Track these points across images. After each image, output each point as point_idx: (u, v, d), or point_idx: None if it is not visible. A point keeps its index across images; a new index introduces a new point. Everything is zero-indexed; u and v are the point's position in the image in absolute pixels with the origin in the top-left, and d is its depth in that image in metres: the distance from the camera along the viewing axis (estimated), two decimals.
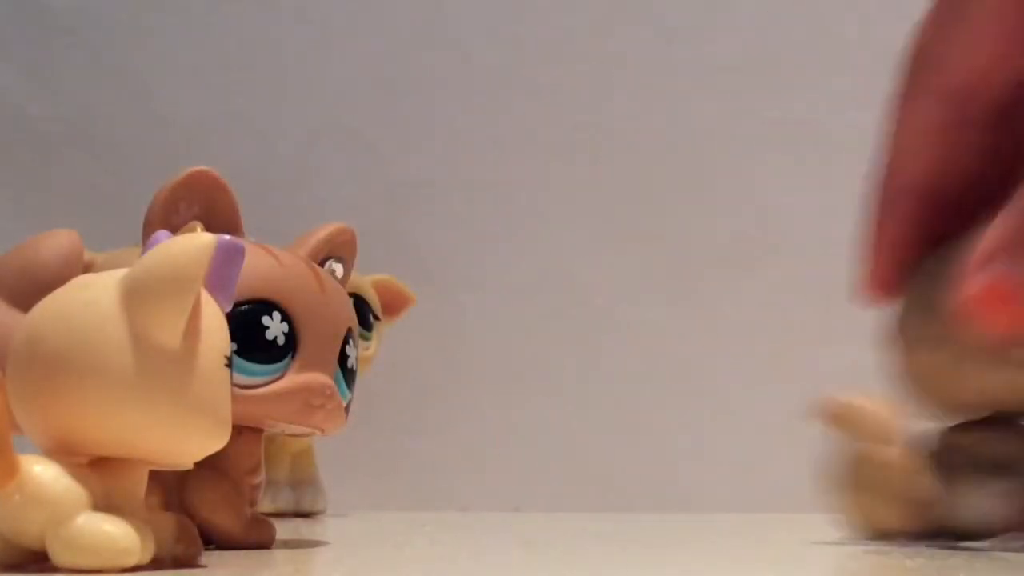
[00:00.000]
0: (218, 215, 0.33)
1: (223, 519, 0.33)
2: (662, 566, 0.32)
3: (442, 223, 0.70)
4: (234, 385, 0.28)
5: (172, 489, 0.32)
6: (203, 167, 0.33)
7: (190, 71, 0.72)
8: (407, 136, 0.70)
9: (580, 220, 0.67)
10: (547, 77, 0.69)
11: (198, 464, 0.28)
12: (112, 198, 0.67)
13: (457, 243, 0.69)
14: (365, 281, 0.54)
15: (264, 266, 0.33)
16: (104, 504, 0.26)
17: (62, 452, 0.26)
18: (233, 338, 0.28)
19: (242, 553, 0.32)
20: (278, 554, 0.33)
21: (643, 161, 0.66)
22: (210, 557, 0.30)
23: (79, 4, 0.72)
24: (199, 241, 0.26)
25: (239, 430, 0.29)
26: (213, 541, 0.33)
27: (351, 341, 0.35)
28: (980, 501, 0.36)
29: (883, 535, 0.37)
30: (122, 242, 0.38)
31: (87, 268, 0.33)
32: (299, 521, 0.50)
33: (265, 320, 0.32)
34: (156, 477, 0.28)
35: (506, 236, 0.69)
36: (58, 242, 0.32)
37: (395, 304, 0.58)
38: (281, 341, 0.32)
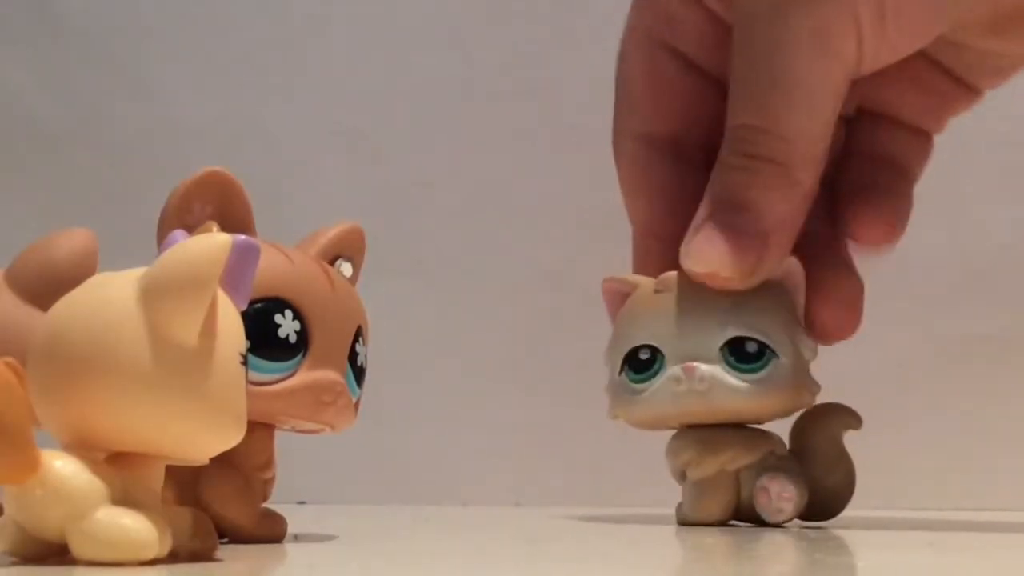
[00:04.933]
0: (231, 214, 0.33)
1: (236, 513, 0.33)
2: (662, 562, 0.32)
3: (442, 223, 0.70)
4: (247, 382, 0.29)
5: (186, 484, 0.33)
6: (217, 167, 0.33)
7: (198, 72, 0.72)
8: (408, 136, 0.71)
9: (580, 219, 0.67)
10: (547, 77, 0.69)
11: (211, 459, 0.28)
12: (122, 197, 0.68)
13: (457, 243, 0.70)
14: None
15: (276, 265, 0.33)
16: (122, 498, 0.26)
17: (81, 447, 0.27)
18: (246, 336, 0.28)
19: (256, 547, 0.33)
20: (290, 548, 0.34)
21: None
22: (224, 551, 0.30)
23: (89, 6, 0.72)
24: (216, 241, 0.27)
25: (251, 426, 0.29)
26: (225, 535, 0.33)
27: (361, 339, 0.35)
28: None
29: None
30: (132, 240, 0.39)
31: None
32: (308, 514, 0.51)
33: (277, 318, 0.33)
34: (170, 472, 0.28)
35: (506, 236, 0.69)
36: (74, 241, 0.32)
37: None
38: (293, 339, 0.33)
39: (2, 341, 0.31)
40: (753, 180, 0.40)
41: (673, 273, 0.42)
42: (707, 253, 0.40)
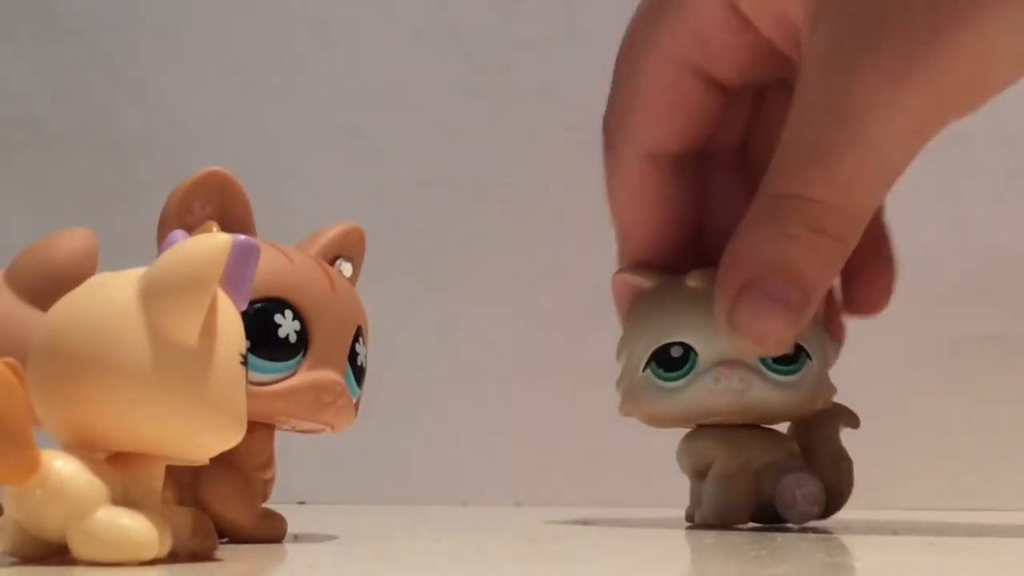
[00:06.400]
0: (232, 215, 0.33)
1: (235, 513, 0.33)
2: (662, 562, 0.32)
3: (442, 223, 0.70)
4: (247, 382, 0.29)
5: (186, 484, 0.33)
6: (217, 167, 0.33)
7: (198, 72, 0.72)
8: (408, 136, 0.71)
9: (580, 219, 0.67)
10: (547, 77, 0.69)
11: (211, 459, 0.28)
12: (122, 197, 0.68)
13: (457, 243, 0.70)
14: None
15: (276, 265, 0.33)
16: (122, 499, 0.26)
17: (81, 447, 0.27)
18: (246, 336, 0.28)
19: (256, 547, 0.33)
20: (290, 548, 0.34)
21: None
22: (224, 551, 0.30)
23: (89, 6, 0.73)
24: (216, 241, 0.27)
25: (251, 426, 0.29)
26: (225, 535, 0.33)
27: (361, 339, 0.35)
28: None
29: None
30: (132, 240, 0.39)
31: None
32: (308, 514, 0.51)
33: (277, 318, 0.33)
34: (170, 472, 0.28)
35: (506, 236, 0.69)
36: (74, 241, 0.32)
37: None
38: (293, 339, 0.33)
39: (2, 341, 0.31)
40: (812, 256, 0.39)
41: (708, 269, 0.42)
42: (757, 326, 0.39)
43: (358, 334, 0.35)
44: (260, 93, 0.72)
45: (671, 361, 0.42)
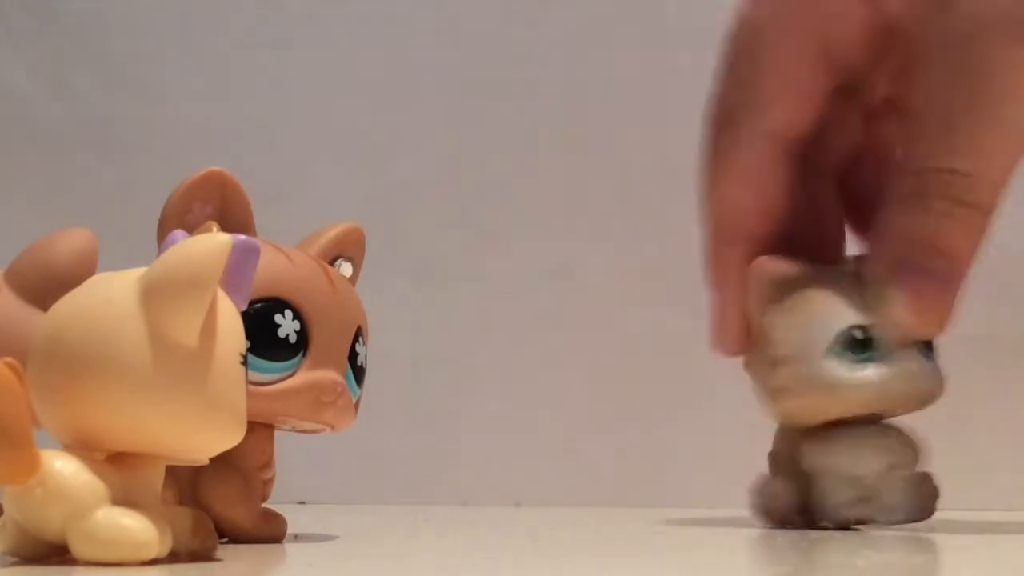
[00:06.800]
0: (232, 215, 0.33)
1: (236, 513, 0.33)
2: (662, 561, 0.32)
3: (442, 223, 0.70)
4: (247, 382, 0.29)
5: (185, 484, 0.33)
6: (217, 168, 0.33)
7: (198, 72, 0.72)
8: (408, 136, 0.71)
9: (580, 218, 0.67)
10: (548, 77, 0.69)
11: (211, 459, 0.28)
12: (122, 198, 0.68)
13: (457, 243, 0.70)
14: None
15: (276, 265, 0.33)
16: (122, 499, 0.26)
17: (81, 447, 0.27)
18: (246, 336, 0.28)
19: (255, 547, 0.33)
20: (290, 547, 0.34)
21: (643, 160, 0.66)
22: (224, 551, 0.30)
23: (92, 8, 0.73)
24: (216, 241, 0.27)
25: (251, 426, 0.29)
26: (225, 535, 0.33)
27: (361, 339, 0.35)
28: None
29: None
30: (132, 240, 0.39)
31: None
32: (308, 514, 0.51)
33: (277, 318, 0.33)
34: (170, 472, 0.28)
35: (505, 235, 0.69)
36: (73, 241, 0.33)
37: None
38: (293, 339, 0.33)
39: (2, 341, 0.31)
40: (956, 227, 0.39)
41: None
42: (912, 302, 0.40)
43: (358, 334, 0.35)
44: (260, 93, 0.72)
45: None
